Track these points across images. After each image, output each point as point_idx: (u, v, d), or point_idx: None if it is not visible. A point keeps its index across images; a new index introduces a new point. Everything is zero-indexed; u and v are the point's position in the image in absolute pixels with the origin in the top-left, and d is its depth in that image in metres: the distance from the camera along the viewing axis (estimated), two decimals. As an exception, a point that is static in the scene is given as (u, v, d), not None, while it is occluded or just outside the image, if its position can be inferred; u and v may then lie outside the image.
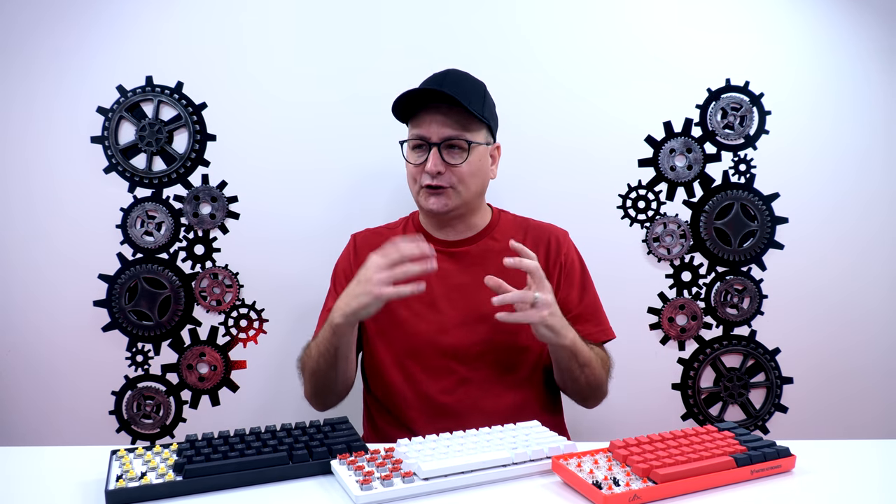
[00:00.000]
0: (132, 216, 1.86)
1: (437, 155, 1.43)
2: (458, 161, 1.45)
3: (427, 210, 1.50)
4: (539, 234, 1.58)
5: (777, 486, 0.99)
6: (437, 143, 1.44)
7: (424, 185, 1.46)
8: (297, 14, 1.87)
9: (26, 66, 1.83)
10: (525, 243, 1.51)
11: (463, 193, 1.47)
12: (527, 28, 1.91)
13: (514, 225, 1.60)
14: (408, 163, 1.50)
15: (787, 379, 2.00)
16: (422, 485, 0.96)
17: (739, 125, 1.94)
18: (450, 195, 1.47)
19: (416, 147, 1.48)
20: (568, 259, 1.55)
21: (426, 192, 1.47)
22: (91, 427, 1.90)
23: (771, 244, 1.97)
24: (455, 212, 1.50)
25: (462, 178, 1.46)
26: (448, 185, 1.46)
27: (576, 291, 1.54)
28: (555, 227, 1.61)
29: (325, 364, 1.39)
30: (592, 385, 1.44)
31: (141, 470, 1.00)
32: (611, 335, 1.56)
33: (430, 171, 1.44)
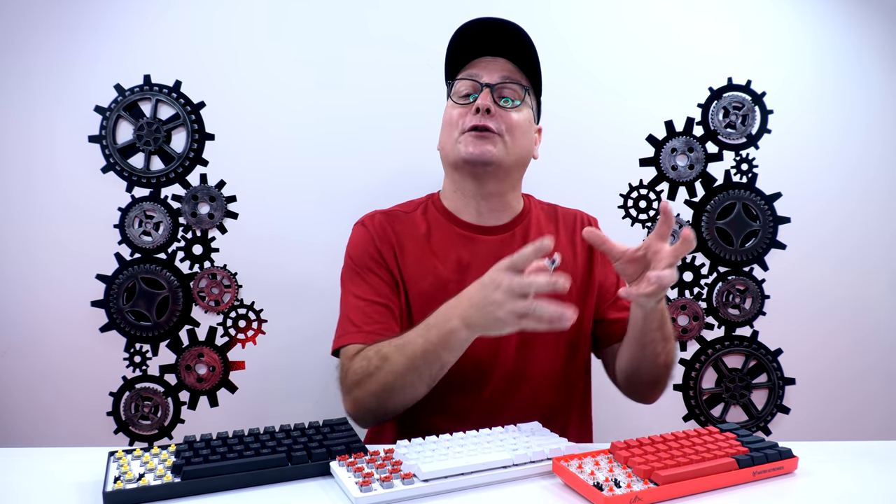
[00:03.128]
0: (130, 216, 1.86)
1: (488, 93, 1.32)
2: (512, 105, 1.34)
3: (466, 157, 1.32)
4: (568, 219, 1.50)
5: (779, 487, 0.98)
6: (492, 83, 1.33)
7: (469, 126, 1.32)
8: (297, 13, 1.87)
9: (24, 65, 1.82)
10: (557, 230, 1.47)
11: (509, 146, 1.33)
12: (527, 27, 1.90)
13: (543, 211, 1.50)
14: (451, 106, 1.37)
15: (790, 380, 1.99)
16: (422, 486, 0.95)
17: (741, 124, 1.93)
18: (496, 142, 1.32)
19: (464, 92, 1.37)
20: None
21: (469, 137, 1.32)
22: (88, 428, 1.89)
23: (773, 244, 1.96)
24: (495, 167, 1.33)
25: (511, 127, 1.33)
26: (496, 131, 1.32)
27: (614, 274, 1.45)
28: (584, 213, 1.54)
29: (417, 379, 1.18)
30: (669, 365, 1.33)
31: (139, 471, 0.99)
32: None
33: (481, 104, 1.30)
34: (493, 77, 1.35)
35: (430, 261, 1.39)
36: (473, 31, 1.36)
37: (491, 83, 1.34)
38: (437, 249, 1.40)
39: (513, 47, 1.36)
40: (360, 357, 1.24)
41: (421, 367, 1.16)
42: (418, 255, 1.39)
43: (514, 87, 1.36)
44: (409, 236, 1.41)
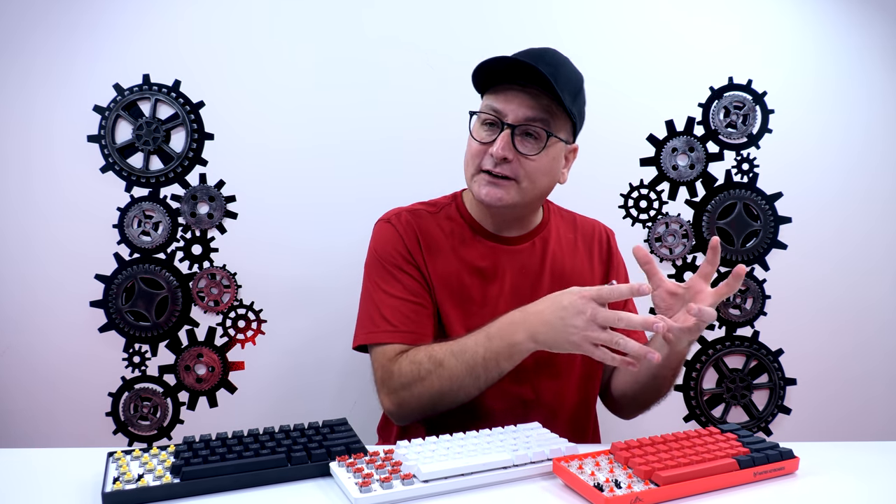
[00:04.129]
0: (129, 216, 1.85)
1: (508, 138, 1.25)
2: (532, 152, 1.27)
3: (478, 198, 1.30)
4: (587, 230, 1.49)
5: (780, 488, 0.98)
6: (514, 124, 1.25)
7: (484, 168, 1.28)
8: (296, 13, 1.86)
9: (22, 65, 1.82)
10: (576, 239, 1.46)
11: (527, 191, 1.30)
12: (527, 27, 1.90)
13: (562, 220, 1.48)
14: (471, 138, 1.31)
15: (791, 380, 1.99)
16: (421, 487, 0.95)
17: (742, 124, 1.93)
18: (510, 189, 1.28)
19: (486, 123, 1.29)
20: (617, 258, 1.49)
21: (484, 179, 1.28)
22: (87, 429, 1.88)
23: (774, 244, 1.96)
24: (511, 210, 1.33)
25: (530, 173, 1.28)
26: (512, 177, 1.27)
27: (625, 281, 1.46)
28: (602, 224, 1.53)
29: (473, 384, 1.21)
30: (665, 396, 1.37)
31: (138, 472, 0.99)
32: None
33: (496, 154, 1.25)
34: (517, 116, 1.26)
35: (454, 264, 1.37)
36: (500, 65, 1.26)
37: (514, 124, 1.26)
38: (461, 254, 1.38)
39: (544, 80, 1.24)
40: (407, 360, 1.25)
41: (480, 374, 1.19)
42: (444, 257, 1.37)
43: (537, 130, 1.27)
44: (434, 237, 1.39)
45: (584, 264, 1.44)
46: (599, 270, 1.46)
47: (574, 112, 1.29)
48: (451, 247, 1.38)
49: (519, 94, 1.26)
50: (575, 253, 1.45)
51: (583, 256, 1.45)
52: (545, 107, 1.27)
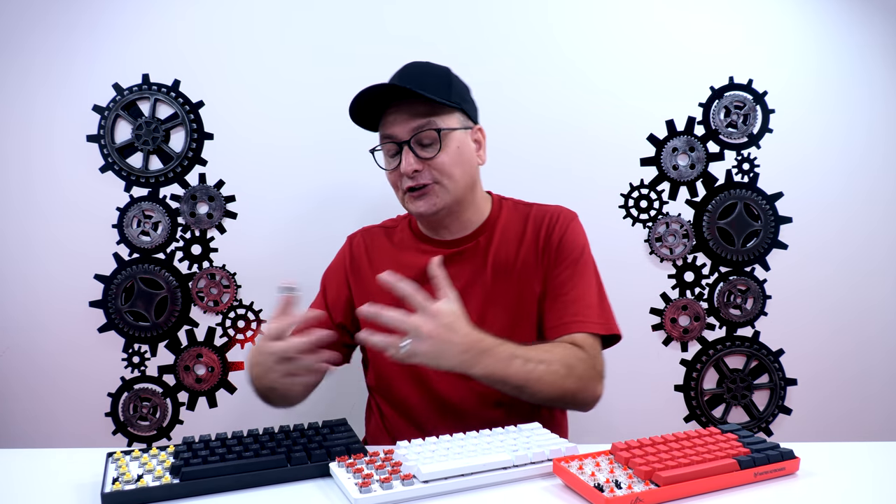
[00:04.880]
0: (128, 216, 1.85)
1: (409, 153, 1.33)
2: (433, 153, 1.33)
3: (417, 215, 1.40)
4: (539, 218, 1.45)
5: (781, 488, 0.98)
6: (407, 139, 1.33)
7: (405, 188, 1.36)
8: (296, 11, 1.86)
9: (22, 64, 1.82)
10: (525, 231, 1.44)
11: (450, 187, 1.36)
12: (528, 26, 1.90)
13: (515, 213, 1.48)
14: (386, 171, 1.41)
15: (791, 380, 1.99)
16: (421, 487, 0.95)
17: (743, 124, 1.93)
18: (436, 192, 1.35)
19: (390, 154, 1.39)
20: (565, 239, 1.41)
21: (410, 197, 1.36)
22: (87, 429, 1.88)
23: (774, 244, 1.96)
24: (446, 210, 1.38)
25: (443, 170, 1.34)
26: (431, 182, 1.34)
27: (569, 273, 1.39)
28: (560, 209, 1.48)
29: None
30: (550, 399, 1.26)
31: (137, 472, 0.99)
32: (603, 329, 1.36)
33: (406, 171, 1.33)
34: (406, 130, 1.33)
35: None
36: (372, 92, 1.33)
37: (407, 139, 1.33)
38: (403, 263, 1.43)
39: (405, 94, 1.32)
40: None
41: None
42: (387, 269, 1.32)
43: (429, 133, 1.34)
44: (380, 254, 1.50)
45: (529, 257, 1.42)
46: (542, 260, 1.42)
47: (454, 100, 1.36)
48: (395, 258, 1.46)
49: (397, 113, 1.34)
50: (521, 245, 1.43)
51: (530, 246, 1.43)
52: (424, 111, 1.33)
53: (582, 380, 1.27)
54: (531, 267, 1.41)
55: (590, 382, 1.29)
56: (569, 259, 1.40)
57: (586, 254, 1.43)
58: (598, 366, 1.32)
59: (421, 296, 1.14)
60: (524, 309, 1.40)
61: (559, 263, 1.40)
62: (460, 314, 1.17)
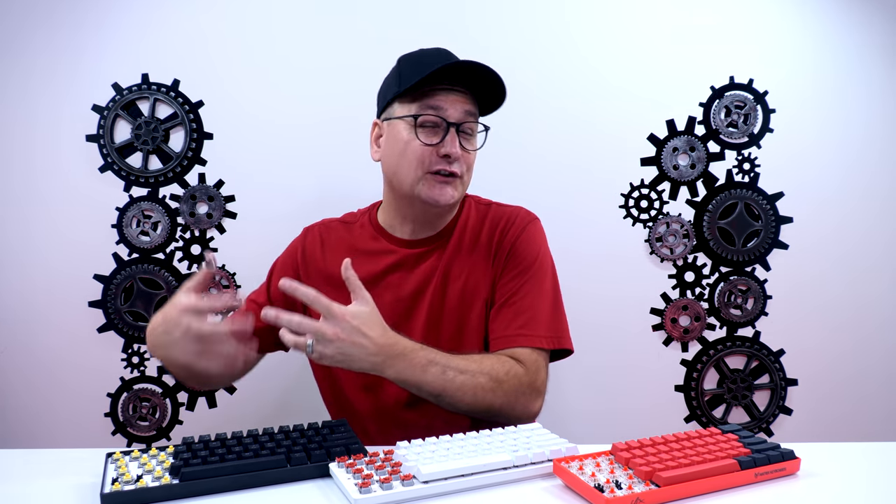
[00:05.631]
0: (128, 216, 1.85)
1: (456, 137, 1.27)
2: (474, 147, 1.31)
3: (432, 201, 1.29)
4: (496, 219, 1.39)
5: (781, 489, 0.98)
6: (457, 123, 1.27)
7: (435, 169, 1.27)
8: (296, 11, 1.86)
9: (21, 64, 1.81)
10: (481, 232, 1.38)
11: (465, 185, 1.33)
12: (528, 25, 1.90)
13: (476, 213, 1.42)
14: (416, 142, 1.28)
15: (792, 381, 1.99)
16: (421, 488, 0.94)
17: (743, 123, 1.93)
18: (457, 185, 1.30)
19: (427, 125, 1.28)
20: (518, 244, 1.35)
21: (435, 179, 1.28)
22: (86, 429, 1.88)
23: (775, 244, 1.95)
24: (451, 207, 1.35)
25: (470, 166, 1.32)
26: (459, 174, 1.29)
27: (518, 281, 1.33)
28: (518, 210, 1.41)
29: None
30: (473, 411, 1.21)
31: (137, 473, 0.99)
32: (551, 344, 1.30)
33: (454, 154, 1.26)
34: (459, 113, 1.28)
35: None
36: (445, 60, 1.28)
37: (456, 122, 1.28)
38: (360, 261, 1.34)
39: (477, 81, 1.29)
40: None
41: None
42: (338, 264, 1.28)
43: (473, 126, 1.31)
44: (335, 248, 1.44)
45: (481, 259, 1.37)
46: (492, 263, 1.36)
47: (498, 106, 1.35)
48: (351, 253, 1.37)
49: (454, 92, 1.29)
50: (475, 249, 1.38)
51: (483, 250, 1.37)
52: (476, 102, 1.32)
53: (510, 395, 1.21)
54: (481, 271, 1.36)
55: (521, 398, 1.23)
56: (521, 266, 1.34)
57: (541, 260, 1.36)
58: (536, 382, 1.25)
59: (325, 300, 1.11)
60: (471, 316, 1.35)
61: (510, 270, 1.34)
62: (372, 316, 1.13)
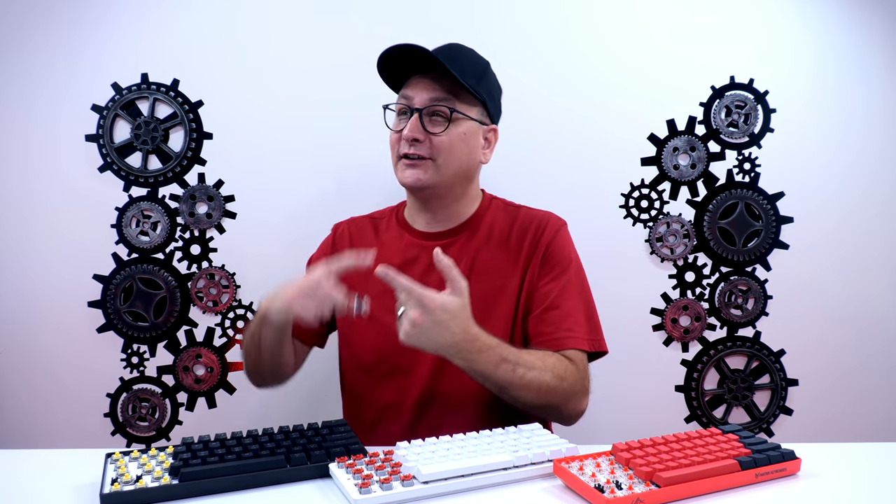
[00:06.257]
0: (127, 215, 1.85)
1: (416, 120, 1.33)
2: (439, 129, 1.33)
3: (401, 182, 1.38)
4: (526, 221, 1.44)
5: (782, 489, 0.98)
6: (420, 108, 1.33)
7: (402, 153, 1.35)
8: (295, 10, 1.86)
9: (21, 64, 1.81)
10: (511, 233, 1.43)
11: (441, 168, 1.35)
12: (528, 25, 1.89)
13: (504, 213, 1.47)
14: (390, 131, 1.40)
15: (793, 381, 1.98)
16: (421, 488, 0.94)
17: (744, 123, 1.92)
18: (426, 168, 1.35)
19: (400, 113, 1.39)
20: (552, 247, 1.40)
21: (403, 164, 1.36)
22: (86, 430, 1.88)
23: (776, 244, 1.95)
24: (431, 190, 1.38)
25: (442, 149, 1.34)
26: (427, 157, 1.34)
27: (556, 284, 1.37)
28: (549, 215, 1.46)
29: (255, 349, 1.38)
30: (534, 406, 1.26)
31: (136, 473, 0.99)
32: (590, 346, 1.35)
33: (406, 136, 1.33)
34: (423, 99, 1.34)
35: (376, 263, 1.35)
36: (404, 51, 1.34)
37: (420, 107, 1.34)
38: (384, 252, 1.44)
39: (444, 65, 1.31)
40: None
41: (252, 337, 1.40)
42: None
43: (442, 109, 1.34)
44: (364, 243, 1.49)
45: (510, 258, 1.41)
46: (522, 263, 1.40)
47: (481, 93, 1.37)
48: (378, 247, 1.45)
49: (422, 80, 1.35)
50: (503, 247, 1.42)
51: (513, 250, 1.41)
52: (448, 88, 1.34)
53: (567, 393, 1.26)
54: (509, 269, 1.40)
55: (574, 397, 1.28)
56: (557, 269, 1.39)
57: (574, 265, 1.41)
58: (585, 382, 1.31)
59: (418, 290, 1.12)
60: (497, 310, 1.38)
61: (547, 273, 1.39)
62: (461, 311, 1.14)
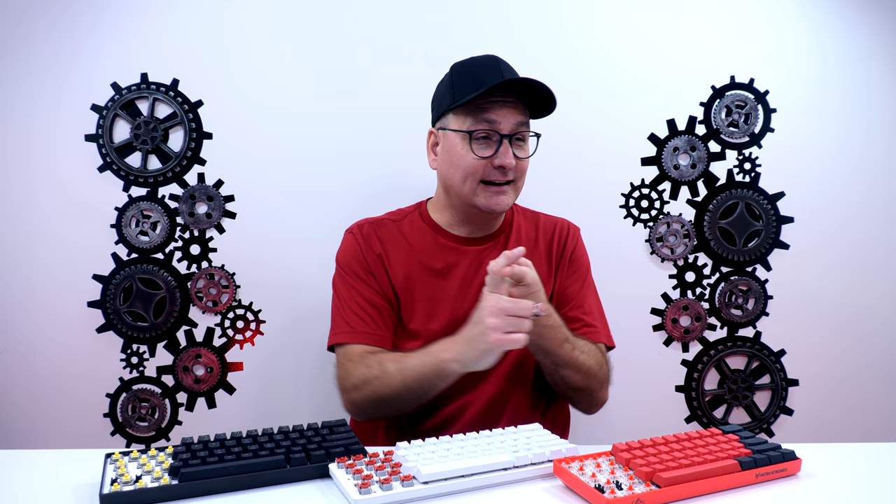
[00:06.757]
0: (127, 215, 1.85)
1: (509, 148, 1.33)
2: (526, 155, 1.38)
3: (487, 209, 1.37)
4: (548, 228, 1.52)
5: (782, 489, 0.98)
6: (510, 134, 1.34)
7: (489, 179, 1.35)
8: (295, 10, 1.86)
9: (20, 64, 1.81)
10: (538, 238, 1.50)
11: (518, 190, 1.41)
12: (528, 24, 1.89)
13: (525, 219, 1.54)
14: (471, 156, 1.34)
15: (793, 381, 1.98)
16: (421, 488, 0.94)
17: (744, 123, 1.92)
18: (509, 192, 1.38)
19: (480, 138, 1.34)
20: (576, 252, 1.50)
21: (489, 190, 1.35)
22: (85, 430, 1.87)
23: (776, 244, 1.95)
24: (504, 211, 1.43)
25: (523, 172, 1.39)
26: (512, 180, 1.37)
27: (579, 285, 1.48)
28: (566, 221, 1.56)
29: (409, 396, 1.29)
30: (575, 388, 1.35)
31: (136, 473, 0.99)
32: (609, 341, 1.47)
33: (508, 165, 1.33)
34: (510, 124, 1.34)
35: (414, 268, 1.45)
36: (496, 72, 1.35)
37: (509, 134, 1.34)
38: (421, 258, 1.46)
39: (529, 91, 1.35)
40: (362, 363, 1.34)
41: (414, 388, 1.27)
42: (403, 262, 1.45)
43: (524, 134, 1.37)
44: (394, 245, 1.47)
45: (541, 262, 1.48)
46: (553, 267, 1.49)
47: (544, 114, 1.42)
48: (410, 251, 1.46)
49: (505, 105, 1.34)
50: (534, 251, 1.49)
51: (542, 255, 1.49)
52: (525, 112, 1.37)
53: (601, 380, 1.38)
54: (543, 272, 1.45)
55: (603, 385, 1.40)
56: (580, 270, 1.50)
57: (590, 268, 1.54)
58: (610, 373, 1.43)
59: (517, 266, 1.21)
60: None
61: (572, 274, 1.49)
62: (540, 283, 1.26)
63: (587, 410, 1.44)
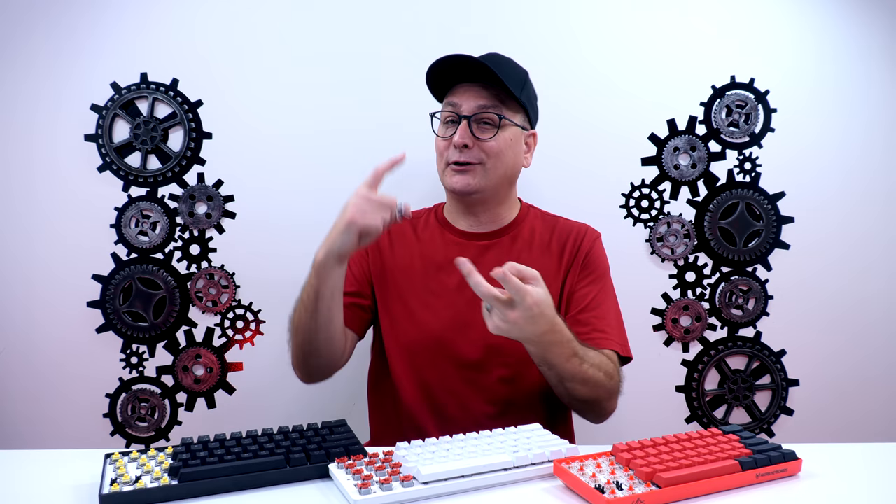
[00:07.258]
0: (126, 215, 1.84)
1: (466, 127, 1.38)
2: (489, 135, 1.39)
3: (450, 188, 1.44)
4: (564, 232, 1.52)
5: (783, 490, 0.98)
6: (469, 115, 1.39)
7: (451, 161, 1.40)
8: (295, 10, 1.86)
9: (20, 64, 1.81)
10: (551, 239, 1.50)
11: (490, 173, 1.41)
12: (527, 24, 1.89)
13: (542, 222, 1.54)
14: (437, 137, 1.46)
15: (793, 381, 1.98)
16: (421, 489, 0.94)
17: (744, 123, 1.92)
18: (476, 173, 1.40)
19: (447, 121, 1.43)
20: (591, 255, 1.49)
21: (452, 170, 1.41)
22: (85, 430, 1.87)
23: (776, 244, 1.95)
24: (479, 194, 1.43)
25: (490, 154, 1.39)
26: (476, 162, 1.40)
27: (592, 288, 1.46)
28: (586, 226, 1.55)
29: (307, 314, 1.30)
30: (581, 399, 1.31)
31: (135, 474, 0.99)
32: (623, 351, 1.42)
33: (457, 143, 1.38)
34: (471, 106, 1.39)
35: (416, 260, 1.49)
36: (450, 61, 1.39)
37: (468, 114, 1.39)
38: (426, 250, 1.50)
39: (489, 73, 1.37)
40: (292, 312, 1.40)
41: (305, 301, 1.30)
42: (408, 254, 1.51)
43: (490, 116, 1.40)
44: (401, 237, 1.53)
45: (551, 263, 1.48)
46: (564, 268, 1.48)
47: (523, 100, 1.42)
48: (416, 244, 1.52)
49: (470, 88, 1.40)
50: (545, 253, 1.49)
51: (553, 257, 1.49)
52: (495, 95, 1.39)
53: (610, 392, 1.34)
54: (552, 274, 1.45)
55: (612, 396, 1.36)
56: (595, 274, 1.48)
57: (608, 274, 1.51)
58: (620, 383, 1.38)
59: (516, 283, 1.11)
60: None
61: (586, 276, 1.47)
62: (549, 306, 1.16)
63: (594, 421, 1.41)
